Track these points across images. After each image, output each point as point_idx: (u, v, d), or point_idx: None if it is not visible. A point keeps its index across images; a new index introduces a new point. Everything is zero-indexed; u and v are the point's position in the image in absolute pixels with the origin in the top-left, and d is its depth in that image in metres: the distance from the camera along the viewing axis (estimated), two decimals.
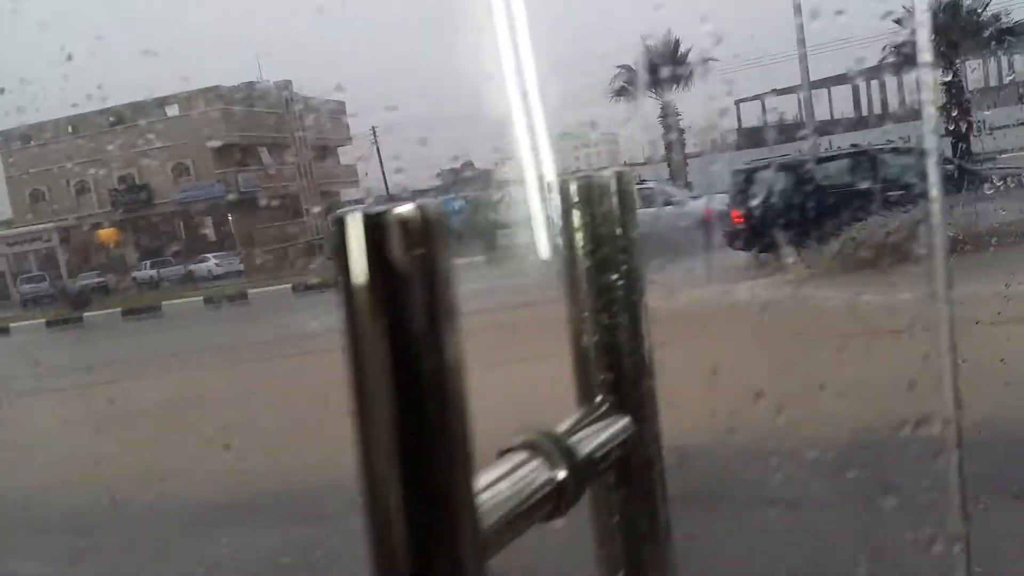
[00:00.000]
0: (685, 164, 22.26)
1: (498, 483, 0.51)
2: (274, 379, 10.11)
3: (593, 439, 0.61)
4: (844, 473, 3.66)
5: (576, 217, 0.64)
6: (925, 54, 2.35)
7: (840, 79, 58.53)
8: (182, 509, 5.35)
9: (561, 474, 0.55)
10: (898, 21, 20.49)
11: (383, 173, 49.15)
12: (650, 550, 0.68)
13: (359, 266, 0.40)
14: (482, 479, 0.49)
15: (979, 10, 24.96)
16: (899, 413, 3.06)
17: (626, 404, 0.65)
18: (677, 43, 21.47)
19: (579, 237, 0.64)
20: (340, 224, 0.42)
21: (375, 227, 0.40)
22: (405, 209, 0.41)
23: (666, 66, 21.19)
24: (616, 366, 0.66)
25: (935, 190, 2.20)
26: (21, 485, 6.47)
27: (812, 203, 12.37)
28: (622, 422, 0.64)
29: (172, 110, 42.73)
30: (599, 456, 0.61)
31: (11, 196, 44.48)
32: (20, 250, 43.25)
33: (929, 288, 1.88)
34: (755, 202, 13.29)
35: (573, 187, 0.64)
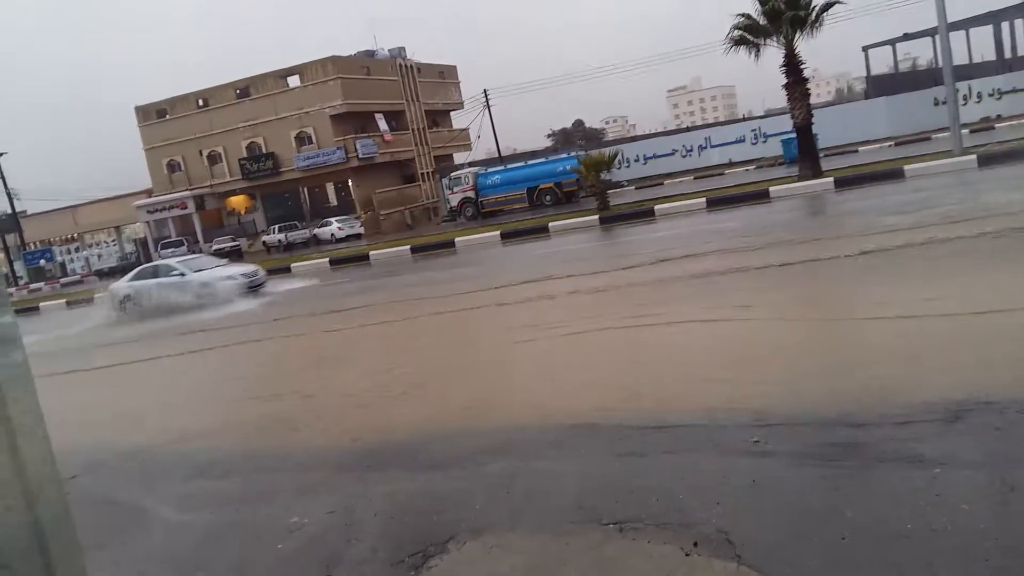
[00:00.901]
0: (810, 116, 21.09)
1: None
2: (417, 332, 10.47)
3: None
4: None
5: None
6: None
7: (981, 19, 53.77)
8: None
9: None
10: None
11: (495, 135, 49.40)
12: None
13: None
14: None
15: None
16: None
17: None
18: None
19: None
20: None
21: None
22: None
23: (788, 11, 20.02)
24: None
25: None
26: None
27: None
28: None
29: (294, 80, 44.28)
30: None
31: (150, 167, 47.57)
32: (160, 217, 46.32)
33: None
34: None
35: None
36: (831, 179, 19.52)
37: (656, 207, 21.12)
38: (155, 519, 4.94)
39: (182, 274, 18.13)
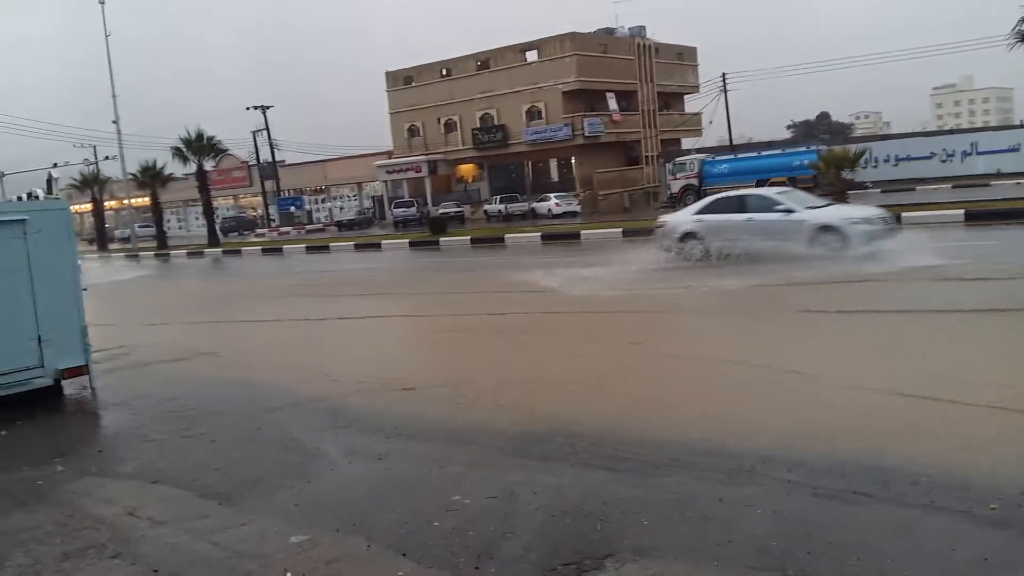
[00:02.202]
0: None
1: None
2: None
3: None
4: None
5: None
6: None
7: None
8: None
9: None
10: None
11: (728, 122, 47.18)
12: None
13: None
14: None
15: None
16: None
17: None
18: None
19: None
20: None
21: None
22: None
23: None
24: None
25: None
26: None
27: None
28: None
29: (532, 55, 45.02)
30: None
31: (392, 130, 50.77)
32: (396, 178, 49.40)
33: None
34: None
35: None
36: None
37: (903, 214, 18.95)
38: None
39: (789, 210, 13.62)
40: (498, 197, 43.97)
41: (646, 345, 8.53)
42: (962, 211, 18.38)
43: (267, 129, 50.53)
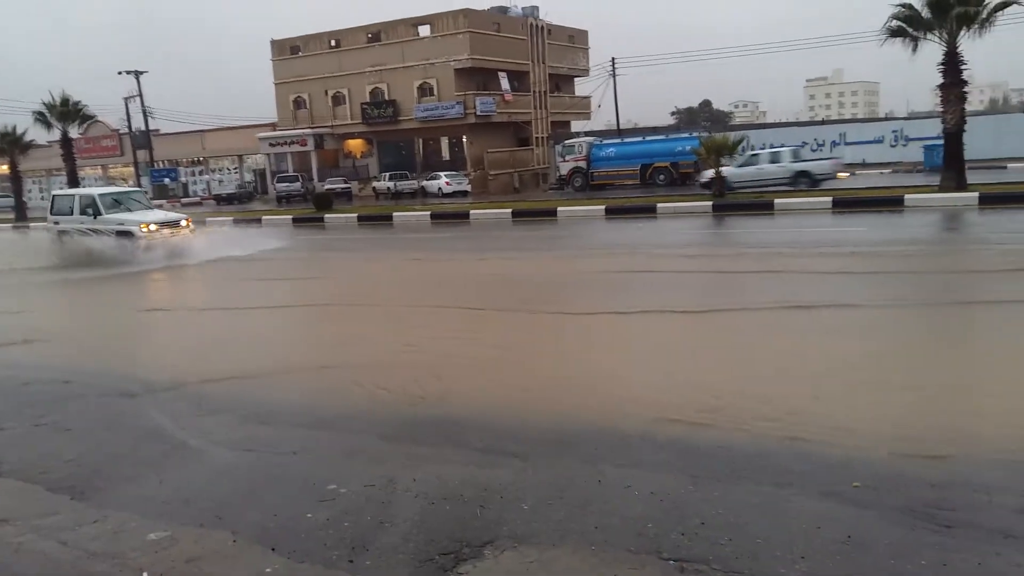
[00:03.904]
0: (963, 122, 19.28)
1: None
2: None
3: None
4: None
5: None
6: None
7: None
8: None
9: None
10: None
11: (616, 106, 48.13)
12: None
13: None
14: None
15: None
16: None
17: None
18: None
19: None
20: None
21: None
22: None
23: (957, 5, 18.24)
24: None
25: None
26: None
27: None
28: None
29: (424, 30, 44.29)
30: None
31: (277, 102, 48.87)
32: (280, 151, 47.64)
33: None
34: None
35: None
36: (975, 194, 17.81)
37: (776, 201, 19.89)
38: None
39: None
40: (387, 174, 43.19)
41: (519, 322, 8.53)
42: (830, 199, 19.45)
43: (140, 95, 47.54)
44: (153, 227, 17.21)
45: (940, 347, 6.69)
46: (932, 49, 19.22)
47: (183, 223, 17.96)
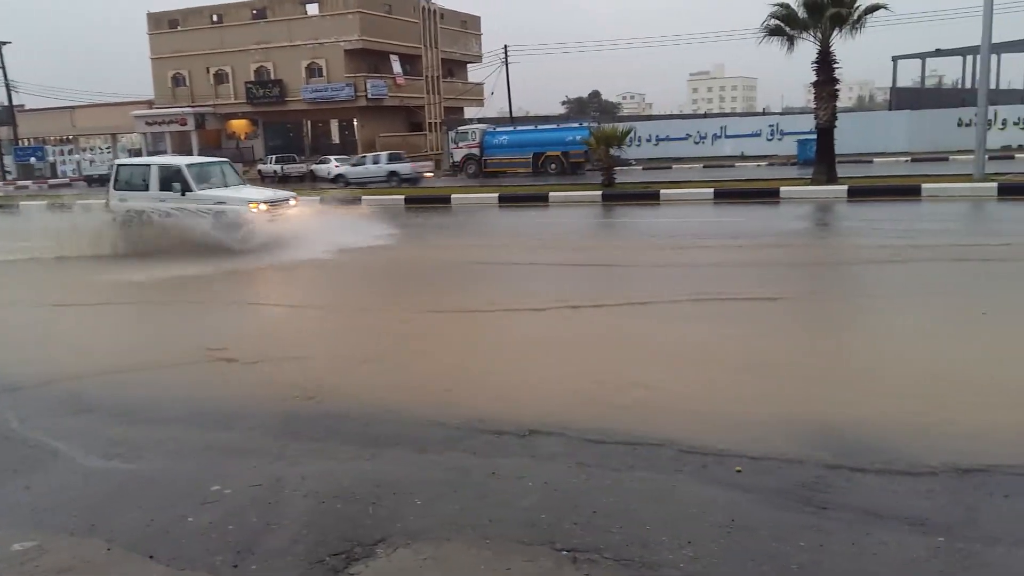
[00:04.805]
0: (834, 118, 20.42)
1: None
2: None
3: None
4: None
5: None
6: None
7: (1016, 45, 52.71)
8: None
9: None
10: None
11: (508, 94, 48.31)
12: None
13: None
14: None
15: None
16: None
17: None
18: None
19: None
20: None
21: None
22: None
23: (831, 6, 19.24)
24: None
25: None
26: None
27: None
28: None
29: (312, 8, 42.98)
30: None
31: (154, 78, 46.31)
32: (158, 130, 45.22)
33: None
34: None
35: None
36: (845, 187, 18.92)
37: (662, 191, 20.50)
38: None
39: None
40: (274, 157, 41.73)
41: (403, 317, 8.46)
42: (712, 190, 20.21)
43: (3, 67, 43.98)
44: (263, 206, 13.69)
45: (819, 336, 7.08)
46: (807, 48, 20.28)
47: (291, 201, 14.75)
